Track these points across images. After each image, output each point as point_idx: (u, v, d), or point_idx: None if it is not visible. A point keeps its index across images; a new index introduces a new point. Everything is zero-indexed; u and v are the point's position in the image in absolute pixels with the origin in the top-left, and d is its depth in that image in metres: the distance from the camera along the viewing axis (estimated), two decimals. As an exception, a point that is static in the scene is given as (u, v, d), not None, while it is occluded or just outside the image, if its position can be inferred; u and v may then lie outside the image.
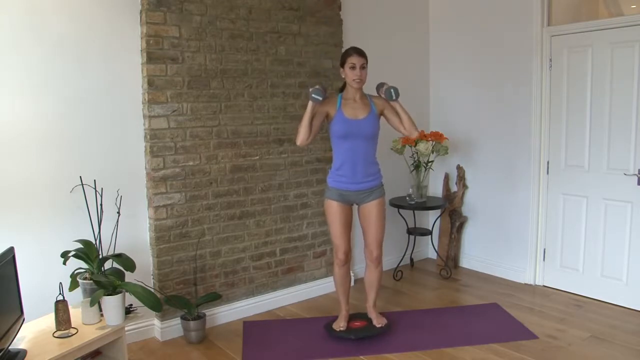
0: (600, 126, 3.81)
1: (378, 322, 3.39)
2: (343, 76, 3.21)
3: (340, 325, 3.37)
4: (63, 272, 2.84)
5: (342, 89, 3.28)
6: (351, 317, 3.46)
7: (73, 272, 2.88)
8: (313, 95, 2.99)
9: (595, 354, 3.12)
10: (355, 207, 3.35)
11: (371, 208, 3.25)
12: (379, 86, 3.19)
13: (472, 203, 4.72)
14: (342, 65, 3.19)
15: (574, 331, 3.42)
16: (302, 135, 3.06)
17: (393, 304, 3.95)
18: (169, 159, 3.35)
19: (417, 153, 4.36)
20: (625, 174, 3.71)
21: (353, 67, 3.13)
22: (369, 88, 3.29)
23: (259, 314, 3.80)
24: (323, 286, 4.17)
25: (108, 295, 2.67)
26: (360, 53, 3.15)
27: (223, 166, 3.59)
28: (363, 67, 3.14)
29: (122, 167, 3.28)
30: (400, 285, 4.41)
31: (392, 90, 3.09)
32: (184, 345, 3.34)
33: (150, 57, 3.22)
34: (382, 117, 3.28)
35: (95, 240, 3.02)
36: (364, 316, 3.48)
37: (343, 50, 4.11)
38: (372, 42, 4.46)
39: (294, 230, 4.00)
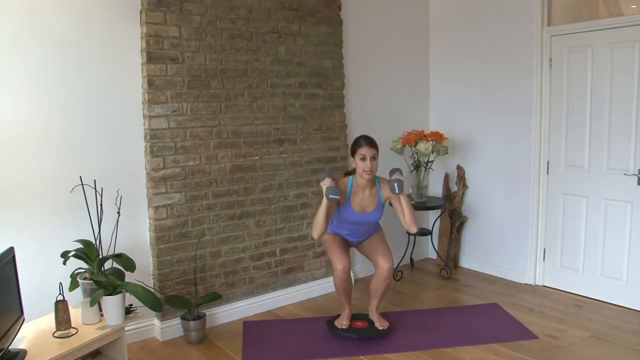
0: (600, 126, 3.81)
1: (380, 325, 3.37)
2: (353, 166, 3.22)
3: (342, 323, 3.37)
4: (63, 272, 2.84)
5: (353, 171, 3.28)
6: (353, 317, 3.46)
7: (73, 272, 2.88)
8: (330, 196, 3.01)
9: (595, 354, 3.12)
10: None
11: (371, 238, 3.40)
12: (391, 172, 3.23)
13: (472, 203, 4.72)
14: (352, 154, 3.19)
15: (574, 331, 3.42)
16: (319, 231, 3.12)
17: (393, 304, 3.95)
18: (169, 159, 3.35)
19: (417, 153, 4.35)
20: (625, 174, 3.71)
21: (363, 159, 3.12)
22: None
23: (259, 314, 3.80)
24: (323, 286, 4.17)
25: (108, 295, 2.67)
26: (371, 144, 3.15)
27: (223, 166, 3.59)
28: (374, 157, 3.13)
29: (122, 167, 3.28)
30: (400, 285, 4.40)
31: (395, 184, 3.08)
32: (184, 345, 3.34)
33: (150, 57, 3.22)
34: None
35: (95, 240, 3.02)
36: (365, 317, 3.47)
37: (344, 51, 4.12)
38: (372, 42, 4.47)
39: (294, 230, 4.00)
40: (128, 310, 2.86)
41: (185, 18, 3.33)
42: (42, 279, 2.95)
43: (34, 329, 2.63)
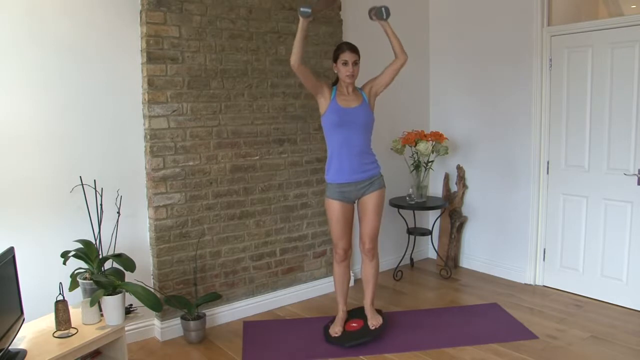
0: (600, 126, 3.81)
1: (372, 323, 3.33)
2: (336, 71, 3.24)
3: (335, 330, 3.34)
4: (63, 272, 2.84)
5: (335, 82, 3.30)
6: (349, 315, 3.46)
7: (73, 272, 2.88)
8: (301, 9, 2.94)
9: (595, 354, 3.12)
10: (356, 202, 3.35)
11: (370, 200, 3.24)
12: (371, 10, 3.18)
13: (472, 203, 4.72)
14: (335, 60, 3.21)
15: (574, 331, 3.42)
16: (294, 54, 3.00)
17: (393, 304, 3.95)
18: (169, 159, 3.35)
19: (417, 153, 4.36)
20: (625, 174, 3.71)
21: (345, 64, 3.15)
22: (362, 81, 3.31)
23: (259, 314, 3.80)
24: (323, 286, 4.17)
25: (108, 295, 2.67)
26: (352, 49, 3.17)
27: (223, 166, 3.59)
28: (355, 63, 3.16)
29: (122, 167, 3.28)
30: (400, 285, 4.41)
31: (382, 9, 3.12)
32: (184, 345, 3.34)
33: (150, 57, 3.22)
34: (376, 105, 3.31)
35: (95, 240, 3.02)
36: (361, 313, 3.45)
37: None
38: (372, 42, 4.45)
39: (294, 230, 4.00)
40: (128, 310, 2.86)
41: (185, 18, 3.33)
42: (42, 279, 2.95)
43: (34, 329, 2.63)
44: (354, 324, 3.40)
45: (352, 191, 3.22)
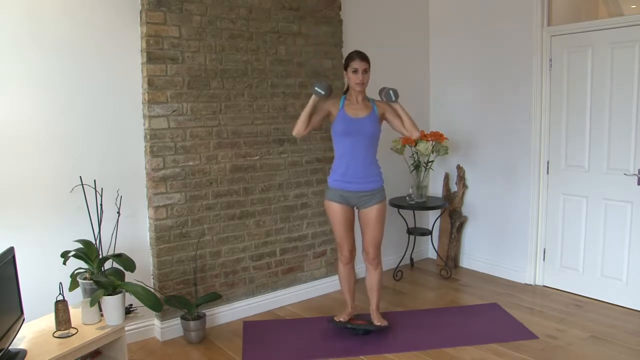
0: (600, 126, 3.81)
1: (378, 321, 3.39)
2: (346, 79, 3.25)
3: (341, 317, 3.40)
4: (63, 272, 2.84)
5: (346, 91, 3.32)
6: (354, 318, 3.47)
7: (73, 272, 2.88)
8: (316, 88, 3.08)
9: (595, 354, 3.12)
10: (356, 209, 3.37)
11: (371, 213, 3.27)
12: (380, 91, 3.23)
13: (472, 203, 4.72)
14: (345, 68, 3.23)
15: (574, 331, 3.42)
16: (298, 128, 3.16)
17: (393, 304, 3.95)
18: (169, 159, 3.35)
19: (417, 153, 4.36)
20: (625, 174, 3.71)
21: (355, 72, 3.17)
22: (371, 91, 3.31)
23: (259, 314, 3.80)
24: (323, 286, 4.17)
25: (108, 295, 2.67)
26: (362, 57, 3.18)
27: (223, 166, 3.59)
28: (365, 71, 3.18)
29: (122, 167, 3.28)
30: (400, 285, 4.41)
31: (391, 92, 3.15)
32: (184, 345, 3.34)
33: (150, 57, 3.22)
34: (384, 122, 3.32)
35: (95, 240, 3.02)
36: (366, 318, 3.47)
37: (344, 51, 4.13)
38: (372, 42, 4.46)
39: (294, 230, 4.00)
40: (128, 310, 2.86)
41: (185, 18, 3.33)
42: (42, 279, 2.95)
43: (34, 329, 2.63)
44: (358, 322, 3.43)
45: (352, 197, 3.26)
